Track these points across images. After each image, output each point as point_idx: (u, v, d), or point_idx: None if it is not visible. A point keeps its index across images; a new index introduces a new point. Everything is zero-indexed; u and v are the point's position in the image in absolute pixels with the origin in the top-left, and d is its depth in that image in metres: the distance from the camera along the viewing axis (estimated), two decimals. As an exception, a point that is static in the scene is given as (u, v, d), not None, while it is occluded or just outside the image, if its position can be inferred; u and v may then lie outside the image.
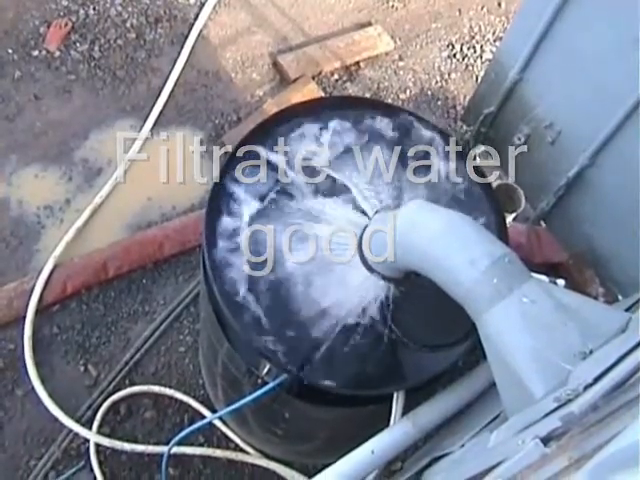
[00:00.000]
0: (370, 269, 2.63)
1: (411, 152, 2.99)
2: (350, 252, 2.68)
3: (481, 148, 4.04)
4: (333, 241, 2.72)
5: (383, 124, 3.05)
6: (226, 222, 2.76)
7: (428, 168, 2.98)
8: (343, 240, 2.71)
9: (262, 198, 2.81)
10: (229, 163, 2.87)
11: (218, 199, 2.80)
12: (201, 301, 3.45)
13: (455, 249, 2.23)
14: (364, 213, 2.78)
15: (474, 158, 3.44)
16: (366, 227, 2.65)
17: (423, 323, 2.72)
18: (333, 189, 2.86)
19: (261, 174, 2.87)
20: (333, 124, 3.01)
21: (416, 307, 2.71)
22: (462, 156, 3.03)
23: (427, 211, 2.41)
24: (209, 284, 2.72)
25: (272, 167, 2.89)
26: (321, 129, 2.99)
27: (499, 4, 6.21)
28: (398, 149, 2.99)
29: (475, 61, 5.90)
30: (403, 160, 2.97)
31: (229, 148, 5.01)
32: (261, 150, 2.91)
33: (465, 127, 3.96)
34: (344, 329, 2.64)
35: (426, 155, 3.01)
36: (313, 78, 5.56)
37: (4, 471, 4.23)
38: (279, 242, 2.74)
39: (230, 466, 4.36)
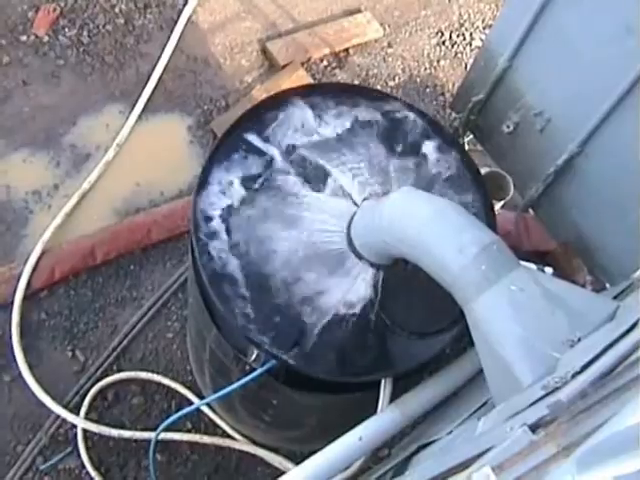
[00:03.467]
0: (359, 256, 2.63)
1: (400, 139, 2.99)
2: (339, 239, 2.67)
3: (470, 136, 4.04)
4: (322, 228, 2.71)
5: (372, 111, 3.03)
6: (214, 208, 2.75)
7: (417, 155, 2.97)
8: (332, 227, 2.70)
9: (250, 184, 2.80)
10: (217, 149, 2.86)
11: (206, 185, 2.79)
12: (189, 287, 3.44)
13: (444, 236, 2.23)
14: (353, 200, 2.77)
15: (463, 145, 3.44)
16: (355, 214, 2.64)
17: (411, 310, 2.72)
18: (321, 176, 2.84)
19: (249, 160, 2.86)
20: (322, 111, 2.99)
21: (404, 294, 2.71)
22: (451, 143, 3.02)
23: (416, 198, 2.40)
24: (197, 270, 2.71)
25: (260, 153, 2.88)
26: (310, 116, 2.97)
27: (489, -9, 6.19)
28: (387, 136, 2.98)
29: (464, 49, 5.89)
30: (392, 147, 2.96)
31: (218, 134, 5.00)
32: (249, 136, 2.90)
33: (454, 114, 3.95)
34: (332, 316, 2.64)
35: (415, 142, 3.00)
36: (302, 65, 5.54)
37: (-9, 456, 4.23)
38: (267, 228, 2.73)
39: (217, 452, 4.36)
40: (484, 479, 1.40)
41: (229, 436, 4.35)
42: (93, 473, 4.18)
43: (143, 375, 4.45)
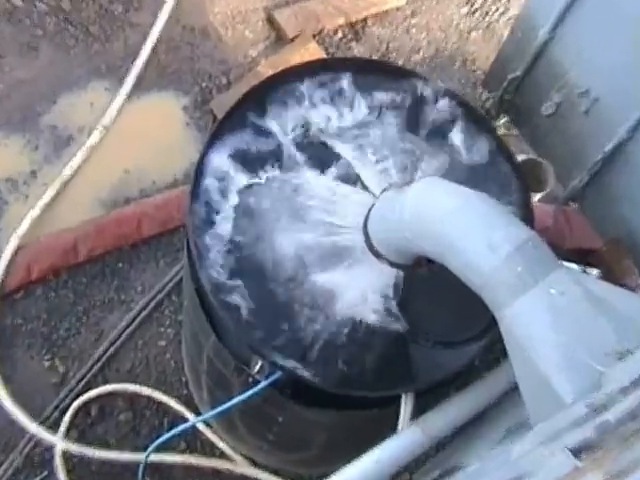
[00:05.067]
0: (376, 254, 2.62)
1: (424, 123, 2.98)
2: (354, 235, 2.66)
3: (504, 118, 4.03)
4: (334, 223, 2.71)
5: (393, 90, 3.03)
6: (213, 199, 2.75)
7: (443, 141, 2.96)
8: (346, 222, 2.70)
9: (254, 172, 2.80)
10: (217, 132, 2.86)
11: (204, 172, 2.78)
12: (184, 288, 3.45)
13: (472, 232, 2.22)
14: (370, 191, 2.76)
15: (496, 129, 3.43)
16: (372, 207, 2.64)
17: (436, 316, 2.72)
18: (335, 164, 2.84)
19: (253, 145, 2.85)
20: (336, 90, 2.99)
21: (428, 298, 2.71)
22: (483, 127, 3.02)
23: (441, 189, 2.39)
24: (193, 269, 2.71)
25: (266, 138, 2.87)
26: (322, 95, 2.97)
27: (526, -47, 6.17)
28: (409, 119, 2.98)
29: (499, 18, 5.87)
30: (415, 132, 2.95)
31: (218, 115, 5.00)
32: (253, 118, 2.89)
33: (487, 94, 3.95)
34: (346, 322, 2.64)
35: (441, 126, 2.99)
36: (313, 37, 5.53)
37: (-40, 480, 4.25)
38: (273, 222, 2.73)
39: (215, 476, 4.36)
40: (521, 509, 1.39)
41: (228, 458, 4.36)
42: (73, 499, 4.20)
43: (132, 388, 4.45)
